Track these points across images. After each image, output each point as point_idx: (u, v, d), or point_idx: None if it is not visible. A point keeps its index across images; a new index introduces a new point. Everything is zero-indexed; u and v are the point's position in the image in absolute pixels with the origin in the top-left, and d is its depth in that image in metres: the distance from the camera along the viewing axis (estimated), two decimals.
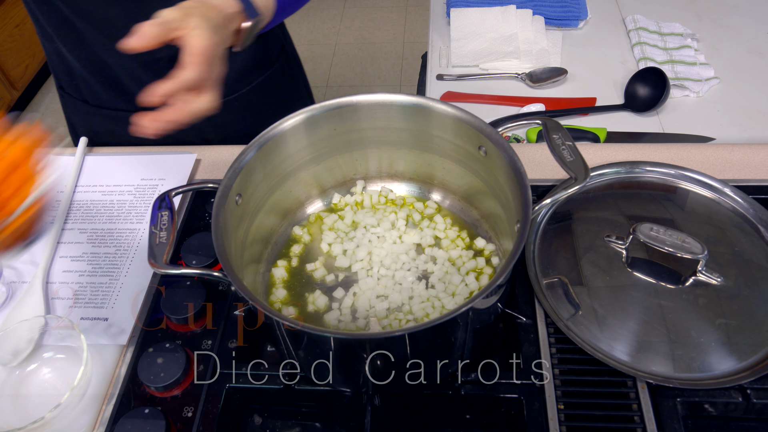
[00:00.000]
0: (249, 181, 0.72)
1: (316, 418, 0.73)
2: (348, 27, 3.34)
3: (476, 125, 0.71)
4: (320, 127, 0.76)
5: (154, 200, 0.70)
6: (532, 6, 1.36)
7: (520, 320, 0.73)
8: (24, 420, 0.65)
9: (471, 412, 0.71)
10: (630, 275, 0.75)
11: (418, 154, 0.81)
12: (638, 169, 0.87)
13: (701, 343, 0.69)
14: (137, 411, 0.68)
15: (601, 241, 0.79)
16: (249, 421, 0.73)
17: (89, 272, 0.85)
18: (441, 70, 1.31)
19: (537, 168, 0.92)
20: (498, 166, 0.71)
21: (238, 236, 0.71)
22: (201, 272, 0.65)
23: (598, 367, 0.69)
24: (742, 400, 0.66)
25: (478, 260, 0.77)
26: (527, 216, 0.61)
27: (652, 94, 1.16)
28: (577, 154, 0.68)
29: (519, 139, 1.14)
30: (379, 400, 0.70)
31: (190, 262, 0.81)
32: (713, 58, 1.26)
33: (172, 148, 1.02)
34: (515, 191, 0.66)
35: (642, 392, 0.67)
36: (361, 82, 2.98)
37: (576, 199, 0.85)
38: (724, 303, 0.72)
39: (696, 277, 0.74)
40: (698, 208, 0.83)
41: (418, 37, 3.23)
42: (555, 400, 0.67)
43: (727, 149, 0.93)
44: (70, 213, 0.93)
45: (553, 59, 1.29)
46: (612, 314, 0.72)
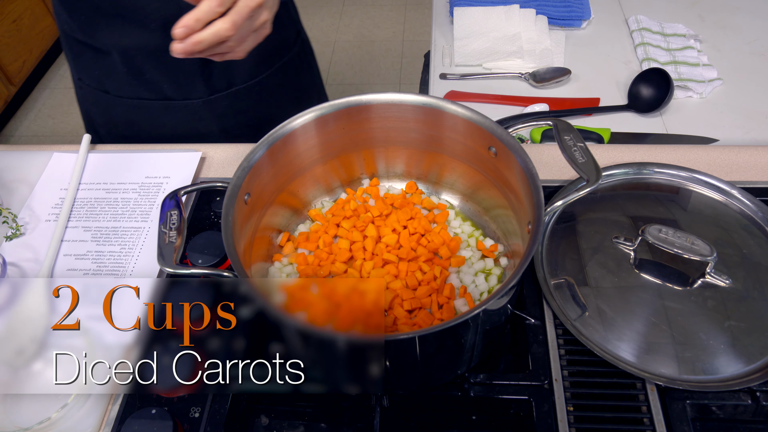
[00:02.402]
0: (258, 180, 0.72)
1: (324, 418, 0.72)
2: (347, 25, 3.34)
3: (487, 126, 0.70)
4: (329, 125, 0.76)
5: (162, 199, 0.69)
6: (536, 6, 1.36)
7: (528, 321, 0.73)
8: (30, 420, 0.65)
9: (480, 413, 0.71)
10: (638, 277, 0.75)
11: (426, 153, 0.81)
12: (646, 170, 0.87)
13: (710, 345, 0.69)
14: (144, 411, 0.67)
15: (609, 242, 0.79)
16: (256, 421, 0.72)
17: (94, 271, 0.84)
18: (444, 69, 1.31)
19: (543, 168, 0.92)
20: (508, 167, 0.70)
21: (245, 235, 0.71)
22: (210, 272, 0.65)
23: (607, 368, 0.69)
24: (751, 402, 0.66)
25: (486, 261, 0.77)
26: (540, 217, 0.61)
27: (656, 94, 1.17)
28: (589, 155, 0.68)
29: (523, 139, 1.14)
30: (388, 401, 0.70)
31: (196, 261, 0.81)
32: (716, 60, 1.27)
33: (177, 146, 1.02)
34: (526, 192, 0.66)
35: (651, 394, 0.67)
36: (360, 81, 2.97)
37: (584, 200, 0.84)
38: (732, 305, 0.72)
39: (704, 279, 0.74)
40: (706, 210, 0.83)
41: (418, 35, 3.22)
42: (564, 401, 0.67)
43: (733, 151, 0.93)
44: (74, 211, 0.92)
45: (557, 59, 1.29)
46: (620, 316, 0.72)
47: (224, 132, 1.09)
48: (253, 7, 0.68)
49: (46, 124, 2.95)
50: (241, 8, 0.68)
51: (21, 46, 2.89)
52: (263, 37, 0.74)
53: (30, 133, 2.91)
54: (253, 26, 0.71)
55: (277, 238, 0.81)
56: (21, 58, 2.91)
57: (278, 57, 1.09)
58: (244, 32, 0.71)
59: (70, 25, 0.98)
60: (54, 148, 1.02)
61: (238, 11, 0.67)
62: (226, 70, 1.02)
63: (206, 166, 0.99)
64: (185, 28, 0.66)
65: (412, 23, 3.31)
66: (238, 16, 0.67)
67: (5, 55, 2.79)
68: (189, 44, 0.67)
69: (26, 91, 3.07)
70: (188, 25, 0.66)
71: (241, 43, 0.72)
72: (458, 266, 0.76)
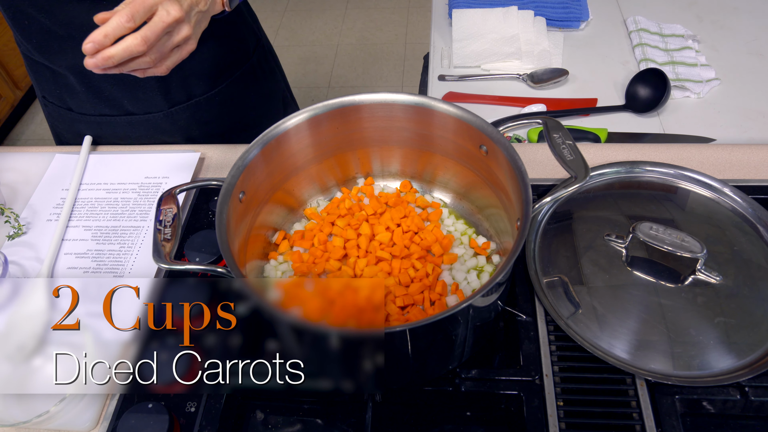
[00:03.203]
0: (252, 179, 0.73)
1: (318, 414, 0.73)
2: (350, 28, 3.35)
3: (477, 124, 0.71)
4: (323, 126, 0.77)
5: (158, 197, 0.70)
6: (534, 7, 1.37)
7: (520, 318, 0.74)
8: (29, 413, 0.66)
9: (471, 408, 0.71)
10: (630, 274, 0.76)
11: (420, 153, 0.82)
12: (638, 168, 0.88)
13: (700, 341, 0.70)
14: (141, 406, 0.69)
15: (601, 240, 0.79)
16: (251, 416, 0.73)
17: (93, 269, 0.86)
18: (443, 71, 1.32)
19: (537, 167, 0.93)
20: (499, 165, 0.71)
21: (241, 233, 0.72)
22: (205, 268, 0.66)
23: (597, 364, 0.70)
24: (740, 397, 0.66)
25: (479, 258, 0.78)
26: (527, 214, 0.62)
27: (653, 95, 1.17)
28: (577, 153, 0.68)
29: (520, 139, 1.14)
30: (380, 397, 0.70)
31: (194, 259, 0.82)
32: (714, 60, 1.27)
33: (176, 147, 1.03)
34: (516, 190, 0.67)
35: (641, 389, 0.67)
36: (363, 83, 2.98)
37: (576, 198, 0.86)
38: (722, 302, 0.72)
39: (695, 276, 0.74)
40: (698, 208, 0.83)
41: (420, 38, 3.23)
42: (554, 396, 0.67)
43: (726, 149, 0.94)
44: (75, 210, 0.93)
45: (555, 60, 1.29)
46: (612, 312, 0.73)
47: (190, 143, 1.09)
48: (168, 23, 0.69)
49: None
50: (154, 24, 0.68)
51: None
52: (187, 53, 0.75)
53: (36, 137, 2.93)
54: (172, 42, 0.72)
55: (272, 237, 0.82)
56: None
57: (237, 66, 1.09)
58: (162, 48, 0.71)
59: (26, 47, 0.98)
60: (56, 150, 1.04)
61: (150, 27, 0.68)
62: (184, 83, 1.02)
63: (205, 166, 1.00)
64: (93, 43, 0.66)
65: (414, 26, 3.33)
66: (150, 31, 0.68)
67: (12, 60, 2.82)
68: (100, 59, 0.67)
69: (32, 95, 3.10)
70: (96, 41, 0.66)
71: (162, 59, 0.72)
72: (451, 263, 0.77)
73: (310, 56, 3.13)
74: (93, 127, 1.06)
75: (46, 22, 0.90)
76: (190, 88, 1.04)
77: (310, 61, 3.10)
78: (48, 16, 0.89)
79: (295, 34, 3.29)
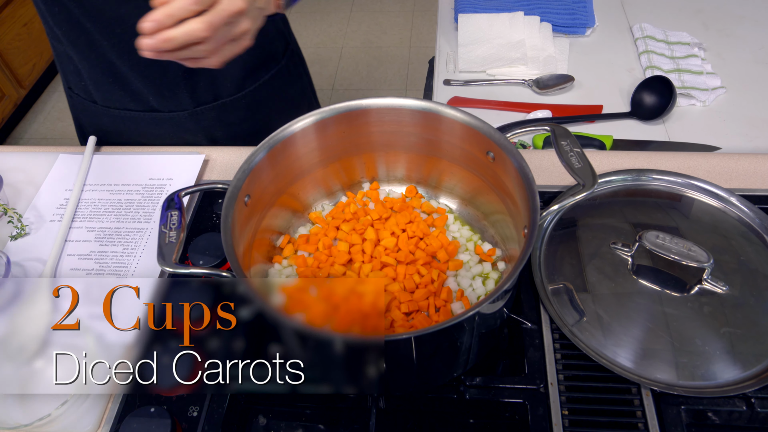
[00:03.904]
0: (258, 182, 0.72)
1: (321, 419, 0.73)
2: (355, 31, 3.35)
3: (485, 131, 0.71)
4: (329, 129, 0.77)
5: (163, 200, 0.70)
6: (540, 13, 1.37)
7: (525, 325, 0.74)
8: (30, 417, 0.66)
9: (475, 416, 0.71)
10: (635, 282, 0.76)
11: (426, 158, 0.82)
12: (644, 177, 0.88)
13: (706, 352, 0.69)
14: (143, 410, 0.68)
15: (607, 248, 0.79)
16: (254, 421, 0.73)
17: (96, 270, 0.85)
18: (448, 75, 1.32)
19: (543, 174, 0.92)
20: (506, 172, 0.71)
21: (245, 237, 0.72)
22: (209, 272, 0.66)
23: (602, 373, 0.69)
24: (746, 408, 0.66)
25: (484, 265, 0.77)
26: (535, 221, 0.62)
27: (659, 102, 1.17)
28: (585, 160, 0.68)
29: (525, 145, 1.14)
30: (384, 403, 0.70)
31: (198, 262, 0.82)
32: (720, 68, 1.27)
33: (181, 149, 1.03)
34: (523, 197, 0.67)
35: (646, 399, 0.67)
36: (367, 86, 2.98)
37: (582, 205, 0.85)
38: (729, 312, 0.72)
39: (701, 285, 0.74)
40: (704, 217, 0.83)
41: (425, 41, 3.24)
42: (559, 405, 0.67)
43: (733, 158, 0.94)
44: (78, 211, 0.93)
45: (560, 66, 1.29)
46: (617, 321, 0.73)
47: (212, 143, 1.08)
48: (232, 12, 0.65)
49: (56, 127, 2.98)
50: (220, 11, 0.64)
51: (31, 49, 2.92)
52: (243, 49, 0.71)
53: (39, 135, 2.94)
54: (231, 34, 0.68)
55: (277, 240, 0.82)
56: (31, 62, 2.94)
57: (266, 70, 1.08)
58: (221, 39, 0.67)
59: (56, 34, 0.98)
60: (60, 150, 1.04)
61: (215, 13, 0.64)
62: (212, 83, 1.01)
63: (209, 168, 1.00)
64: (155, 22, 0.61)
65: (419, 29, 3.33)
66: (215, 17, 0.63)
67: (16, 58, 2.82)
68: (159, 40, 0.62)
69: (36, 93, 3.11)
70: (158, 20, 0.61)
71: (218, 50, 0.68)
72: (456, 270, 0.76)
73: (314, 58, 3.13)
74: (116, 121, 1.06)
75: (76, 10, 0.90)
76: (217, 89, 1.03)
77: (314, 64, 3.09)
78: (78, 4, 0.89)
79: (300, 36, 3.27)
